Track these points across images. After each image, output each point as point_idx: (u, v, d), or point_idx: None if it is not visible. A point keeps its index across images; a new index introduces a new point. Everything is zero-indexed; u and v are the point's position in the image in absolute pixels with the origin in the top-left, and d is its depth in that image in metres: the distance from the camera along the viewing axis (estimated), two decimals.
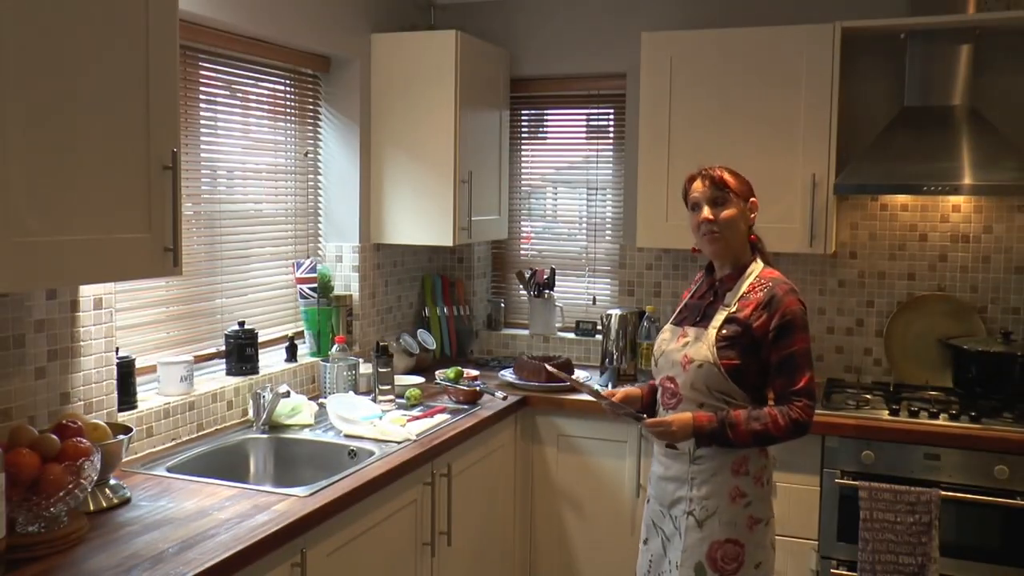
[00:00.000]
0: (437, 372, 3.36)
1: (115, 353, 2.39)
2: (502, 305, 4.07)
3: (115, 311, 2.38)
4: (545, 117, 4.06)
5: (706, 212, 2.26)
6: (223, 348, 2.94)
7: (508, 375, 3.48)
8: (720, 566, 2.20)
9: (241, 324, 2.94)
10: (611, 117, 3.88)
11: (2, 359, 2.06)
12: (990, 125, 3.09)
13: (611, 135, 3.89)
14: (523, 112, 4.01)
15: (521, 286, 3.98)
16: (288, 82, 3.27)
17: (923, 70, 3.18)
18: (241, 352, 2.91)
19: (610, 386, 3.38)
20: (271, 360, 3.15)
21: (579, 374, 3.47)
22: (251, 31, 2.89)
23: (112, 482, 2.15)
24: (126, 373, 2.45)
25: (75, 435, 1.94)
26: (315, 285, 3.28)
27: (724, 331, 2.21)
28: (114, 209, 1.86)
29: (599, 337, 3.76)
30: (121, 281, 2.39)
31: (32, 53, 1.67)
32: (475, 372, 3.44)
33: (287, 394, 2.78)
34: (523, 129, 4.04)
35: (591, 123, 3.95)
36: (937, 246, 3.39)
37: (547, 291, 3.87)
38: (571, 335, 3.91)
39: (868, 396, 3.19)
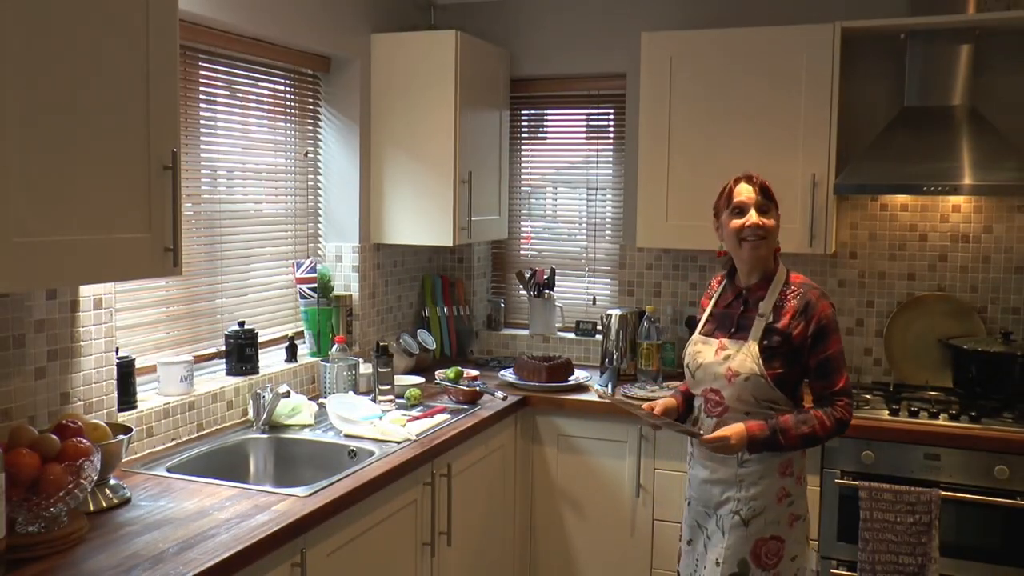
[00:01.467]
0: (437, 372, 3.36)
1: (115, 353, 2.39)
2: (502, 305, 4.07)
3: (115, 311, 2.38)
4: (545, 117, 4.06)
5: (755, 217, 2.29)
6: (223, 348, 2.93)
7: (508, 375, 3.47)
8: (763, 562, 2.27)
9: (241, 324, 2.94)
10: (611, 117, 3.88)
11: (2, 359, 2.06)
12: (990, 125, 3.09)
13: (611, 135, 3.89)
14: (523, 112, 4.01)
15: (521, 286, 3.98)
16: (288, 82, 3.27)
17: (923, 70, 3.18)
18: (241, 352, 2.91)
19: (610, 387, 3.38)
20: (271, 360, 3.15)
21: (579, 375, 3.48)
22: (251, 31, 2.89)
23: (112, 482, 2.14)
24: (126, 373, 2.45)
25: (75, 435, 1.93)
26: (315, 285, 3.28)
27: (766, 342, 2.25)
28: (114, 209, 1.86)
29: (599, 337, 3.76)
30: (121, 281, 2.39)
31: (32, 53, 1.67)
32: (475, 372, 3.44)
33: (287, 394, 2.78)
34: (523, 129, 4.04)
35: (591, 123, 3.95)
36: (937, 246, 3.39)
37: (547, 291, 3.87)
38: (571, 335, 3.91)
39: (868, 396, 3.19)
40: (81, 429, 1.98)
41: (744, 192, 2.31)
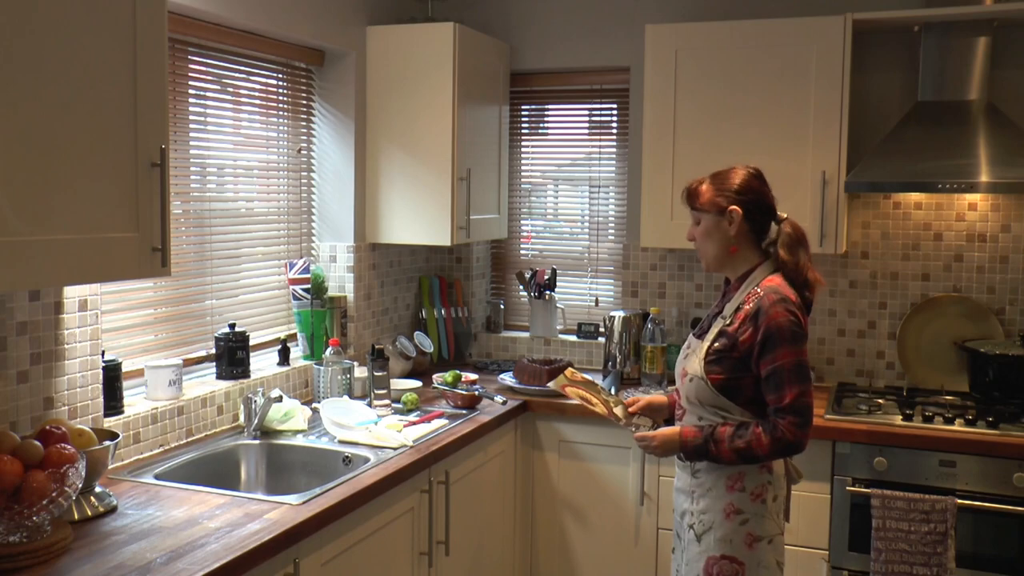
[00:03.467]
0: (435, 376, 3.36)
1: (101, 356, 2.39)
2: (501, 307, 4.06)
3: (101, 313, 2.37)
4: (546, 112, 4.06)
5: (688, 230, 2.33)
6: (213, 351, 2.93)
7: (508, 379, 3.47)
8: None
9: (232, 326, 2.93)
10: (614, 112, 3.88)
11: None
12: (1008, 120, 3.08)
13: (614, 131, 3.88)
14: (523, 107, 4.01)
15: (521, 287, 3.97)
16: (281, 76, 3.26)
17: (938, 63, 3.17)
18: (232, 355, 2.90)
19: (613, 391, 3.37)
20: (263, 363, 3.14)
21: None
22: (242, 23, 2.89)
23: (98, 490, 2.14)
24: (112, 377, 2.44)
25: (59, 441, 1.93)
26: (308, 286, 3.27)
27: (715, 344, 2.23)
28: (100, 208, 1.86)
29: (602, 340, 3.76)
30: (107, 282, 2.38)
31: (14, 46, 1.66)
32: (474, 376, 3.44)
33: (279, 399, 2.78)
34: (523, 125, 4.04)
35: (593, 118, 3.95)
36: (952, 246, 3.39)
37: (548, 292, 3.86)
38: (573, 338, 3.90)
39: (881, 401, 3.18)
40: (65, 435, 1.97)
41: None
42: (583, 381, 2.47)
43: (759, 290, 2.21)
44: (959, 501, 2.77)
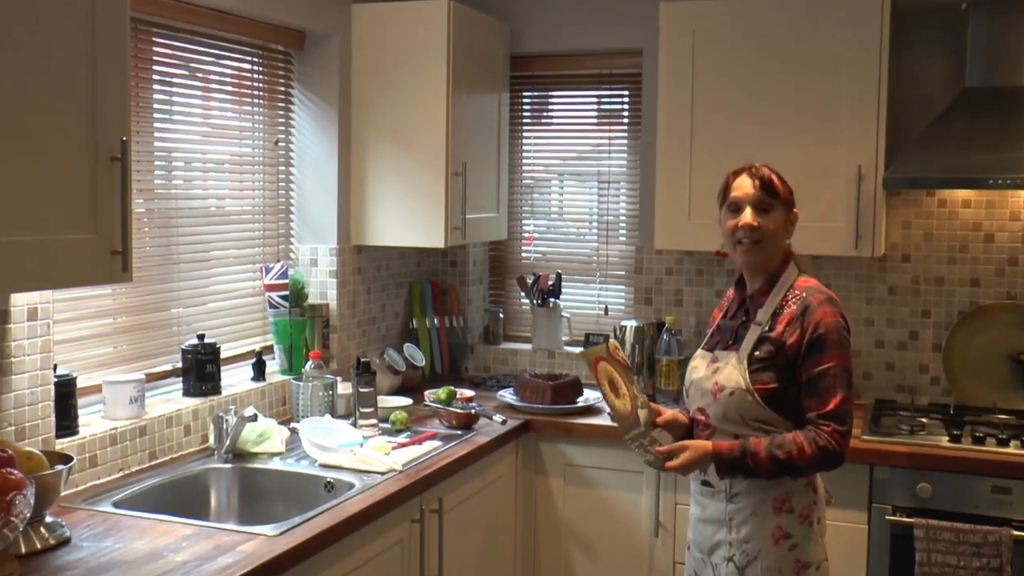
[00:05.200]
0: (426, 392, 3.35)
1: (53, 371, 2.38)
2: (501, 315, 4.06)
3: (53, 323, 2.37)
4: (550, 100, 4.07)
5: (749, 216, 2.26)
6: (180, 365, 2.93)
7: (508, 395, 3.47)
8: None
9: (200, 337, 2.93)
10: (626, 100, 3.88)
11: None
12: None
13: (626, 121, 3.89)
14: (525, 94, 4.02)
15: (522, 294, 3.97)
16: (256, 60, 3.27)
17: (988, 46, 3.17)
18: (201, 369, 2.90)
19: None
20: (235, 379, 3.14)
21: (589, 396, 3.46)
22: (213, 1, 2.89)
23: (49, 520, 2.13)
24: (66, 394, 2.44)
25: (5, 465, 1.91)
26: (286, 293, 3.27)
27: (757, 352, 2.23)
28: (54, 206, 1.86)
29: None
30: (61, 288, 2.37)
31: None
32: (470, 392, 3.43)
33: (254, 418, 2.78)
34: (525, 114, 4.04)
35: (603, 107, 3.95)
36: (1006, 248, 3.38)
37: (552, 299, 3.86)
38: (580, 349, 3.88)
39: (924, 420, 3.18)
40: (12, 458, 1.96)
41: (741, 187, 2.28)
42: (622, 363, 2.34)
43: (798, 291, 2.26)
44: (1015, 533, 2.75)
